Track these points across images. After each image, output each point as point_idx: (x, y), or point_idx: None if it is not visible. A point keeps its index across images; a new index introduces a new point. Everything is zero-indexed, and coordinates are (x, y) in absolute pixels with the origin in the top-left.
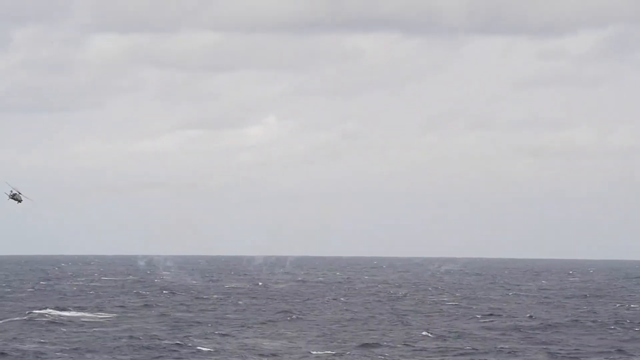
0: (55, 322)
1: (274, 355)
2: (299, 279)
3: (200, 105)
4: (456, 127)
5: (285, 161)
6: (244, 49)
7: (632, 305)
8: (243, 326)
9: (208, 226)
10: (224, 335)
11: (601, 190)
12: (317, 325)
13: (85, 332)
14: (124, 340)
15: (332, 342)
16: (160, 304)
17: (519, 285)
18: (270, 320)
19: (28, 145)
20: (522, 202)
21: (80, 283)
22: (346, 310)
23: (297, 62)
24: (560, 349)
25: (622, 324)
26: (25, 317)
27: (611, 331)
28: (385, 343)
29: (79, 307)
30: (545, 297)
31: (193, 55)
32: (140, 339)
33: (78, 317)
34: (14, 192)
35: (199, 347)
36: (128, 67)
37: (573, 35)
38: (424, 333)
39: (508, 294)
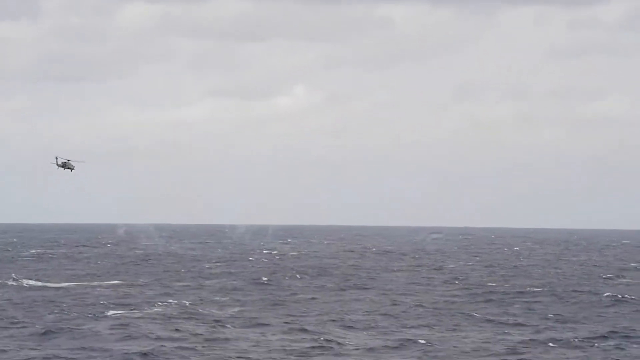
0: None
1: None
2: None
3: (230, 75)
4: (487, 98)
5: (315, 131)
6: (274, 17)
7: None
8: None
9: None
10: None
11: (635, 159)
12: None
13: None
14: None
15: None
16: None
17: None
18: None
19: (59, 114)
20: (555, 171)
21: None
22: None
23: (327, 33)
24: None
25: (554, 289)
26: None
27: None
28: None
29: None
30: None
31: (224, 24)
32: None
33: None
34: (64, 160)
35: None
36: (159, 36)
37: (604, 4)
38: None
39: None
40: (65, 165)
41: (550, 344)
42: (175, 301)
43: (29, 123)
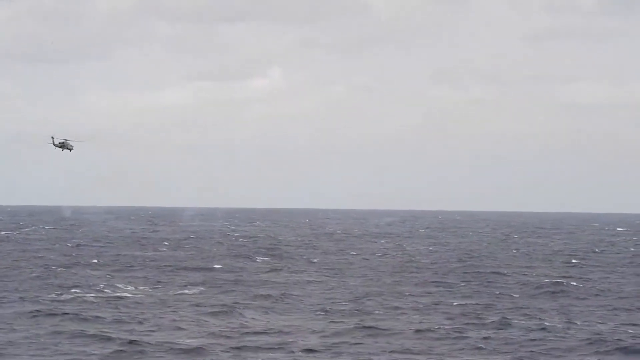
0: None
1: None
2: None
3: (208, 57)
4: (464, 82)
5: (292, 115)
6: (252, 0)
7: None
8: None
9: (218, 178)
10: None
11: (610, 143)
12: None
13: None
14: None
15: None
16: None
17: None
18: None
19: (34, 95)
20: (532, 155)
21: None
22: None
23: (305, 15)
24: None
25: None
26: None
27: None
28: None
29: None
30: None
31: (201, 6)
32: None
33: None
34: (61, 140)
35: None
36: (136, 18)
37: None
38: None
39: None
40: (63, 146)
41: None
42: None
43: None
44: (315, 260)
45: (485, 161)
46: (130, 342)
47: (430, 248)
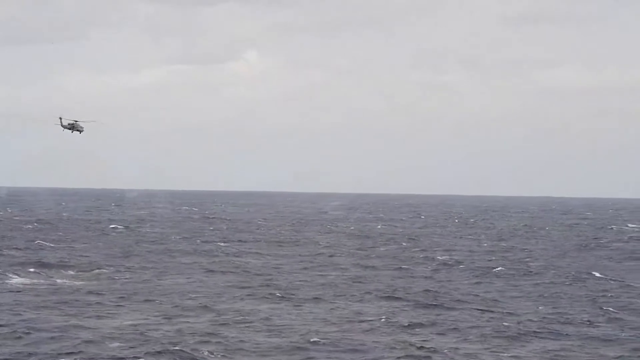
0: None
1: None
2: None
3: (184, 40)
4: (445, 65)
5: (269, 97)
6: None
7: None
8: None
9: (193, 161)
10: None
11: (591, 126)
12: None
13: None
14: None
15: None
16: None
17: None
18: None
19: (11, 76)
20: (515, 139)
21: None
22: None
23: None
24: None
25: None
26: None
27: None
28: None
29: None
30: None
31: None
32: None
33: None
34: (70, 121)
35: None
36: (113, 0)
37: None
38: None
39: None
40: (73, 127)
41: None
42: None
43: None
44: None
45: (464, 145)
46: None
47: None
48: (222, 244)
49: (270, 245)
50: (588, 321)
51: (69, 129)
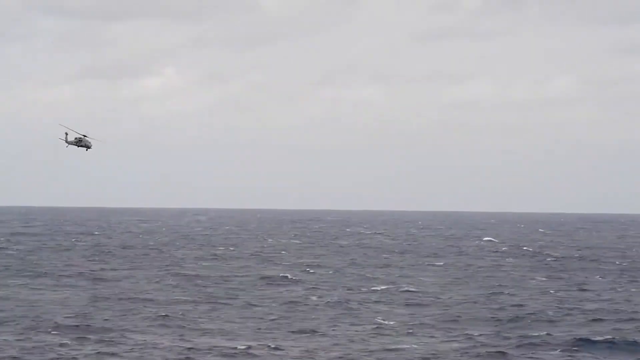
0: None
1: None
2: None
3: (97, 55)
4: (354, 81)
5: (185, 112)
6: None
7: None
8: None
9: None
10: None
11: (501, 141)
12: None
13: None
14: None
15: None
16: None
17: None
18: None
19: None
20: (428, 154)
21: None
22: None
23: (195, 12)
24: None
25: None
26: None
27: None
28: None
29: None
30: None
31: (89, 3)
32: None
33: None
34: (78, 136)
35: None
36: (23, 14)
37: None
38: None
39: None
40: (79, 143)
41: None
42: None
43: None
44: None
45: (378, 157)
46: None
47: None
48: None
49: None
50: None
51: (75, 144)
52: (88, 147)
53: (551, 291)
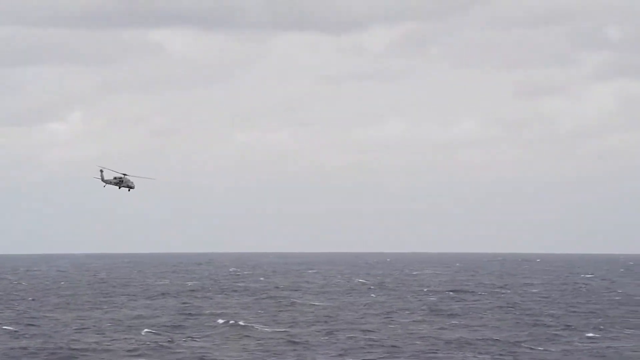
0: None
1: None
2: None
3: (1, 100)
4: (265, 125)
5: (92, 158)
6: (46, 42)
7: None
8: None
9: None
10: None
11: (414, 180)
12: None
13: None
14: None
15: None
16: None
17: None
18: None
19: None
20: (342, 195)
21: None
22: None
23: (102, 57)
24: None
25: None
26: None
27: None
28: None
29: None
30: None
31: None
32: None
33: None
34: (118, 175)
35: None
36: None
37: (369, 32)
38: None
39: None
40: (121, 183)
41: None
42: None
43: None
44: None
45: (296, 202)
46: None
47: None
48: None
49: None
50: None
51: (116, 184)
52: (130, 187)
53: None
